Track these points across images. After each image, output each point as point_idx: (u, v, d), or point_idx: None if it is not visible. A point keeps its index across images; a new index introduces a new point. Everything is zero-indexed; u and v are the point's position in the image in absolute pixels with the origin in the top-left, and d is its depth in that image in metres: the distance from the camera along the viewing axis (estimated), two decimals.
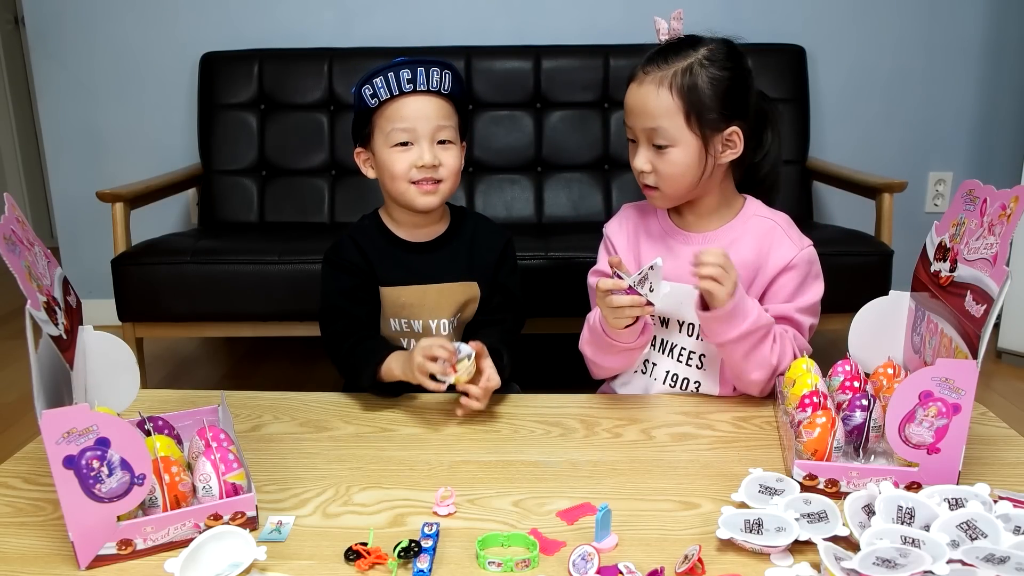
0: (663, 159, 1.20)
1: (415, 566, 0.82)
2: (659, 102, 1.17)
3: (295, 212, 2.62)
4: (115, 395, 1.10)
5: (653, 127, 1.18)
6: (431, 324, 1.31)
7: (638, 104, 1.20)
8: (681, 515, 0.92)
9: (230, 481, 0.89)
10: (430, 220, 1.33)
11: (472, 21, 2.76)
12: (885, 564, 0.74)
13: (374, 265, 1.31)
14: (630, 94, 1.21)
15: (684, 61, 1.18)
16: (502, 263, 1.36)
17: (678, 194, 1.24)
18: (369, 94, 1.23)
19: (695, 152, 1.19)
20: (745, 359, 1.17)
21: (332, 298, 1.32)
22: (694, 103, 1.17)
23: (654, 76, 1.18)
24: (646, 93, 1.18)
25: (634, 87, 1.21)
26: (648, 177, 1.22)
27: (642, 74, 1.20)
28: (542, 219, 2.64)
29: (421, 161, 1.23)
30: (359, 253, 1.31)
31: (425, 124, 1.23)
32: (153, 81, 2.80)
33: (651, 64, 1.19)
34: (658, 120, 1.18)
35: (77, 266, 2.82)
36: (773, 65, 2.64)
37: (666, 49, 1.20)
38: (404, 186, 1.25)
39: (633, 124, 1.21)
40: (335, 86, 2.64)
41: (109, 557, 0.84)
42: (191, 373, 2.60)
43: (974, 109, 2.84)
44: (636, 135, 1.22)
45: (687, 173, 1.20)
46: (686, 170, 1.20)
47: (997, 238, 0.95)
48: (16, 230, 0.91)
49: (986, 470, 1.00)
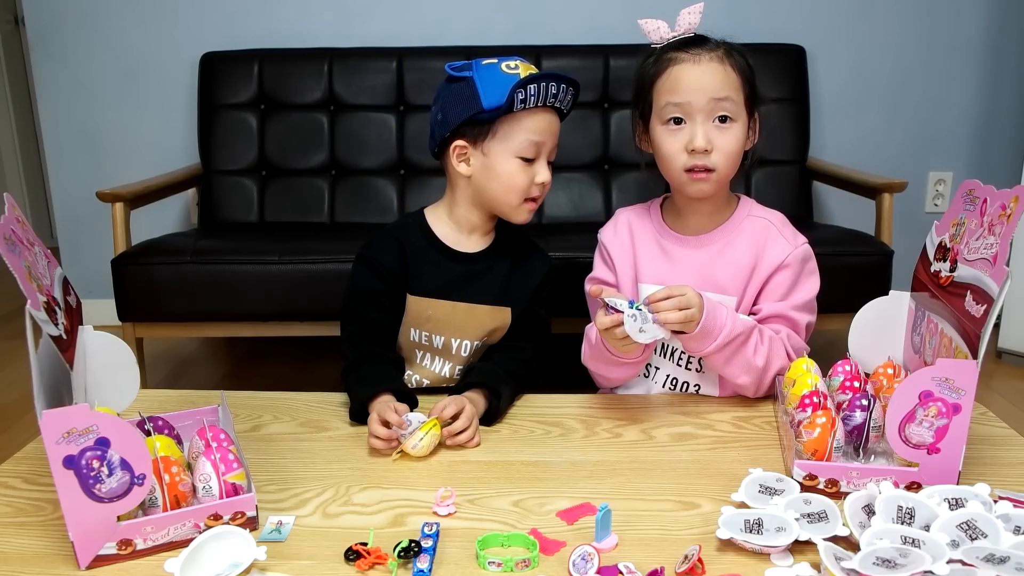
0: (725, 135, 1.18)
1: (415, 566, 0.82)
2: (727, 76, 1.17)
3: (295, 212, 2.62)
4: (115, 395, 1.10)
5: (722, 97, 1.17)
6: (452, 343, 1.28)
7: (701, 79, 1.17)
8: (681, 515, 0.92)
9: (230, 481, 0.89)
10: (482, 231, 1.30)
11: (472, 21, 2.76)
12: (885, 564, 0.74)
13: (408, 271, 1.27)
14: (683, 72, 1.18)
15: (720, 48, 1.19)
16: (539, 292, 1.32)
17: (728, 178, 1.22)
18: (520, 98, 1.18)
19: (745, 132, 1.20)
20: (727, 365, 1.17)
21: (355, 298, 1.27)
22: (750, 82, 1.20)
23: (709, 55, 1.18)
24: (710, 69, 1.17)
25: (687, 67, 1.18)
26: (708, 157, 1.18)
27: (691, 56, 1.18)
28: (542, 219, 2.63)
29: (540, 178, 1.23)
30: (395, 257, 1.26)
31: (551, 140, 1.24)
32: (153, 81, 2.80)
33: (694, 47, 1.19)
34: (728, 91, 1.17)
35: (77, 266, 2.82)
36: (773, 65, 2.63)
37: (693, 41, 1.20)
38: (517, 201, 1.24)
39: (691, 99, 1.17)
40: (335, 86, 2.64)
41: (109, 557, 0.84)
42: (191, 373, 2.60)
43: (974, 109, 2.84)
44: (690, 112, 1.18)
45: (740, 153, 1.21)
46: (740, 149, 1.20)
47: (997, 238, 0.95)
48: (16, 230, 0.91)
49: (986, 470, 1.00)
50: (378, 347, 1.24)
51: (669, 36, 1.21)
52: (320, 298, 2.10)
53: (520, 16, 2.76)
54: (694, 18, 1.21)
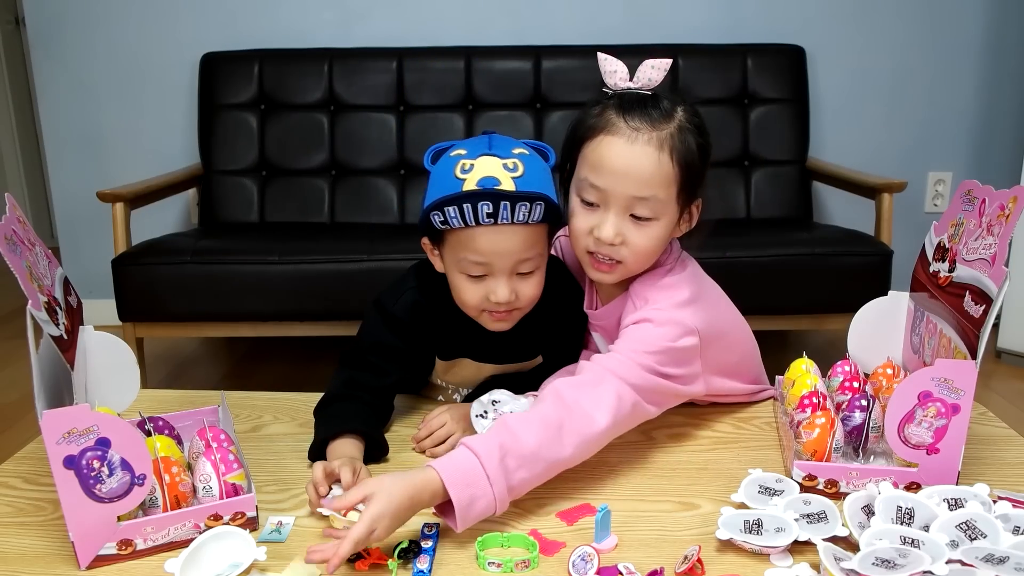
0: (640, 232, 1.03)
1: (415, 566, 0.82)
2: (659, 169, 1.00)
3: (295, 212, 2.63)
4: (115, 395, 1.10)
5: (644, 196, 1.01)
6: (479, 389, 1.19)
7: (629, 167, 1.00)
8: (681, 516, 0.92)
9: (230, 481, 0.89)
10: None
11: (472, 21, 2.76)
12: (884, 564, 0.74)
13: (430, 336, 1.15)
14: (612, 150, 1.01)
15: (672, 122, 1.02)
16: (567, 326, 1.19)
17: (639, 270, 1.08)
18: (439, 220, 1.01)
19: (670, 227, 1.05)
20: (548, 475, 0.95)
21: (363, 348, 1.13)
22: (689, 173, 1.02)
23: (649, 136, 1.00)
24: (642, 155, 1.00)
25: (620, 143, 1.00)
26: (616, 250, 1.04)
27: (629, 128, 1.00)
28: None
29: (495, 297, 1.03)
30: (418, 319, 1.13)
31: (503, 260, 1.02)
32: (153, 81, 2.80)
33: (636, 118, 1.01)
34: (654, 189, 1.01)
35: (77, 266, 2.82)
36: (773, 65, 2.64)
37: (642, 101, 1.02)
38: (474, 313, 1.08)
39: (610, 186, 1.01)
40: (335, 86, 2.64)
41: (109, 557, 0.84)
42: (191, 373, 2.60)
43: (974, 109, 2.84)
44: (606, 200, 1.02)
45: (657, 250, 1.06)
46: (658, 247, 1.05)
47: (996, 238, 0.95)
48: (17, 230, 0.91)
49: (985, 470, 1.01)
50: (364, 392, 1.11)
51: (624, 86, 1.04)
52: (320, 298, 2.11)
53: (520, 16, 2.76)
54: (656, 74, 1.03)
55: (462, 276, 1.05)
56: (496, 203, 0.98)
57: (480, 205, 0.98)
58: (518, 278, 1.05)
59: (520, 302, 1.06)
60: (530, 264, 1.04)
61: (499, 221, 0.99)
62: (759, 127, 2.64)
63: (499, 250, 1.01)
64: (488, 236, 1.00)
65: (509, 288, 1.04)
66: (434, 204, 1.00)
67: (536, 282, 1.06)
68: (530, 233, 1.02)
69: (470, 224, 1.00)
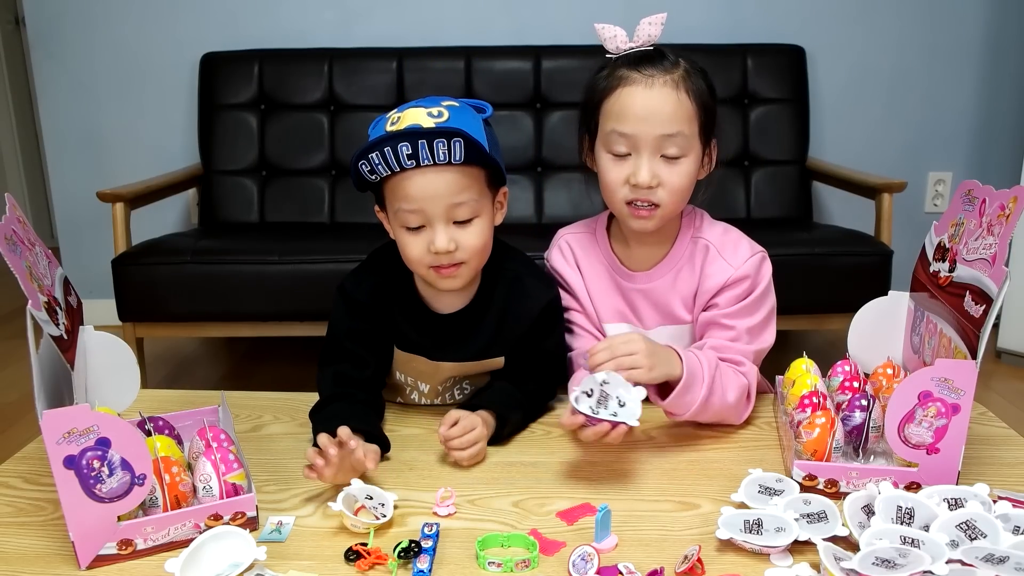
0: (674, 170, 1.08)
1: (415, 566, 0.82)
2: (680, 106, 1.06)
3: (295, 212, 2.63)
4: (115, 395, 1.10)
5: (672, 133, 1.06)
6: (439, 388, 1.21)
7: (651, 109, 1.06)
8: (681, 515, 0.92)
9: (230, 481, 0.89)
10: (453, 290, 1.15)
11: (472, 21, 2.76)
12: (884, 564, 0.74)
13: (390, 322, 1.16)
14: (633, 97, 1.07)
15: (679, 67, 1.08)
16: (537, 329, 1.16)
17: (673, 214, 1.14)
18: (367, 170, 1.04)
19: (697, 165, 1.11)
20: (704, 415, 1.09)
21: (339, 338, 1.16)
22: (706, 109, 1.09)
23: (663, 78, 1.07)
24: (662, 96, 1.06)
25: (638, 90, 1.07)
26: (653, 192, 1.08)
27: (643, 76, 1.07)
28: (542, 219, 2.64)
29: (434, 247, 1.05)
30: (376, 301, 1.15)
31: (435, 204, 1.03)
32: (153, 81, 2.80)
33: (649, 66, 1.08)
34: (678, 124, 1.06)
35: (77, 266, 2.82)
36: (773, 65, 2.64)
37: (648, 55, 1.09)
38: (423, 270, 1.09)
39: (638, 131, 1.07)
40: (335, 86, 2.64)
41: (109, 557, 0.84)
42: (191, 373, 2.60)
43: (974, 109, 2.84)
44: (636, 145, 1.08)
45: (690, 188, 1.11)
46: (690, 184, 1.11)
47: (996, 238, 0.95)
48: (17, 230, 0.91)
49: (985, 470, 1.01)
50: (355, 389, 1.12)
51: (626, 47, 1.11)
52: (320, 298, 2.09)
53: (520, 16, 2.76)
54: (655, 29, 1.10)
55: (403, 231, 1.07)
56: (414, 143, 1.00)
57: (400, 147, 1.00)
58: (457, 227, 1.06)
59: (463, 253, 1.06)
60: (466, 210, 1.05)
61: (421, 162, 1.01)
62: (759, 127, 2.64)
63: (427, 194, 1.03)
64: (415, 180, 1.03)
65: (447, 236, 1.05)
66: (358, 154, 1.03)
67: (477, 232, 1.07)
68: (458, 176, 1.03)
69: (394, 169, 1.02)
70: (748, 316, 1.15)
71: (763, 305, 1.16)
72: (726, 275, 1.14)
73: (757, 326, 1.16)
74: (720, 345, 1.13)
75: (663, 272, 1.18)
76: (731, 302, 1.14)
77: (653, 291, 1.19)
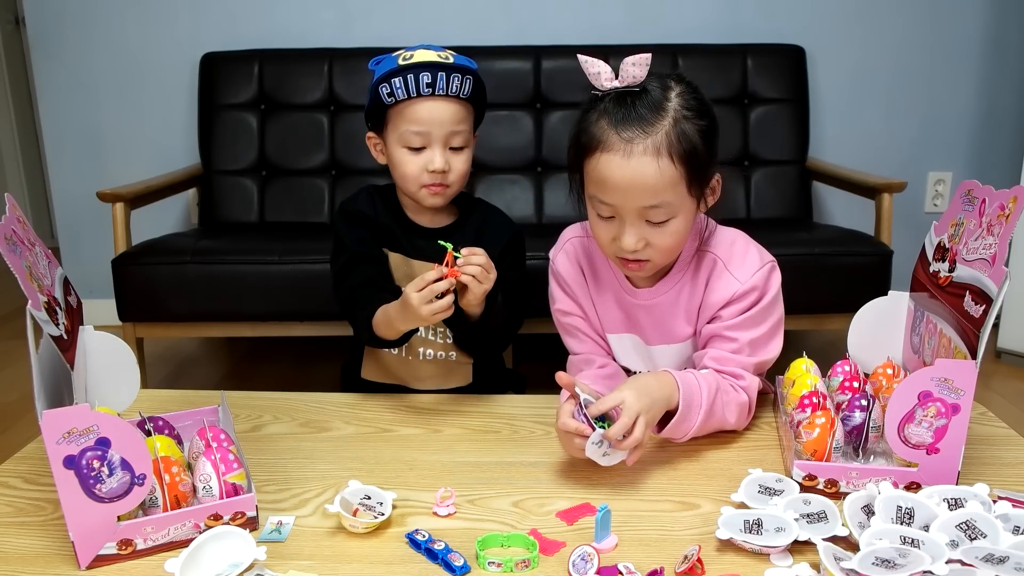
0: (661, 233, 1.05)
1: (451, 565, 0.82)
2: (661, 176, 1.00)
3: (295, 212, 2.63)
4: (115, 395, 1.10)
5: (654, 204, 1.02)
6: None
7: (631, 182, 1.01)
8: (681, 515, 0.93)
9: (230, 481, 0.89)
10: (431, 212, 1.31)
11: (472, 21, 2.76)
12: (884, 564, 0.74)
13: (385, 227, 1.30)
14: (610, 168, 1.01)
15: (666, 116, 1.01)
16: (507, 255, 1.30)
17: (669, 262, 1.13)
18: (386, 92, 1.21)
19: (692, 215, 1.07)
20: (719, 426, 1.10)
21: (352, 246, 1.28)
22: (695, 165, 1.02)
23: (643, 144, 1.00)
24: (640, 167, 1.00)
25: (616, 160, 1.01)
26: (643, 253, 1.06)
27: (622, 141, 1.00)
28: (542, 219, 2.64)
29: (432, 166, 1.21)
30: (374, 209, 1.31)
31: (439, 129, 1.21)
32: (153, 81, 2.80)
33: (628, 127, 1.01)
34: (660, 196, 1.02)
35: (77, 266, 2.82)
36: (773, 65, 2.64)
37: (631, 101, 1.02)
38: (415, 187, 1.25)
39: (620, 202, 1.03)
40: (335, 86, 2.64)
41: (109, 557, 0.84)
42: (191, 373, 2.60)
43: (974, 109, 2.84)
44: (619, 213, 1.04)
45: (683, 240, 1.09)
46: (683, 237, 1.08)
47: (996, 238, 0.95)
48: (17, 230, 0.91)
49: (985, 470, 1.01)
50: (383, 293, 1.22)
51: (611, 85, 1.04)
52: (320, 298, 2.11)
53: (520, 16, 2.76)
54: (639, 71, 1.02)
55: (404, 150, 1.23)
56: (435, 74, 1.19)
57: (421, 75, 1.19)
58: (451, 152, 1.23)
59: (452, 175, 1.24)
60: (460, 138, 1.23)
61: (436, 92, 1.19)
62: (759, 127, 2.64)
63: (436, 119, 1.21)
64: (427, 105, 1.20)
65: (443, 158, 1.22)
66: (381, 77, 1.21)
67: (465, 159, 1.25)
68: (461, 108, 1.23)
69: (412, 94, 1.20)
70: (752, 328, 1.12)
71: (769, 317, 1.13)
72: (732, 290, 1.12)
73: (761, 338, 1.13)
74: (721, 357, 1.12)
75: (667, 287, 1.16)
76: (735, 314, 1.12)
77: (657, 308, 1.17)
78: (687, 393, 1.05)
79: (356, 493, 0.92)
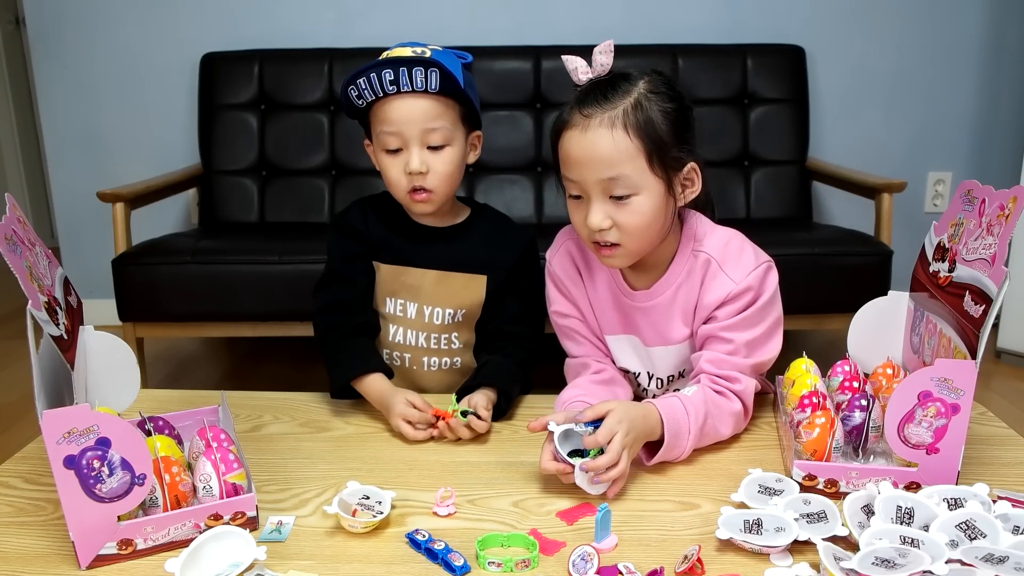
0: (625, 210, 1.04)
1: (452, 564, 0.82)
2: (616, 146, 1.02)
3: (295, 212, 2.63)
4: (115, 395, 1.10)
5: (612, 176, 1.02)
6: (425, 311, 1.27)
7: (586, 153, 1.03)
8: (681, 515, 0.93)
9: (230, 481, 0.89)
10: (440, 214, 1.28)
11: (472, 21, 2.76)
12: (884, 564, 0.74)
13: (378, 239, 1.28)
14: (571, 143, 1.04)
15: (628, 96, 1.03)
16: (522, 265, 1.29)
17: (642, 249, 1.10)
18: (355, 95, 1.18)
19: (660, 197, 1.05)
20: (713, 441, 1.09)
21: (333, 263, 1.29)
22: (655, 141, 1.03)
23: (600, 117, 1.02)
24: (596, 138, 1.02)
25: (575, 134, 1.04)
26: (608, 234, 1.06)
27: (582, 117, 1.04)
28: (542, 219, 2.64)
29: (408, 167, 1.18)
30: (365, 222, 1.28)
31: (412, 127, 1.17)
32: (153, 81, 2.80)
33: (590, 104, 1.04)
34: (617, 167, 1.02)
35: (78, 266, 2.82)
36: (773, 65, 2.64)
37: (599, 86, 1.05)
38: (401, 194, 1.22)
39: (581, 177, 1.04)
40: (335, 86, 2.64)
41: (109, 557, 0.84)
42: (191, 373, 2.60)
43: (974, 109, 2.84)
44: (584, 190, 1.05)
45: (653, 223, 1.06)
46: (652, 219, 1.06)
47: (995, 238, 0.95)
48: (17, 230, 0.91)
49: (985, 470, 1.01)
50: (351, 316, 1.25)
51: (586, 77, 1.08)
52: None
53: (520, 16, 2.76)
54: (605, 58, 1.06)
55: (384, 155, 1.21)
56: (396, 70, 1.15)
57: (384, 72, 1.15)
58: (430, 152, 1.19)
59: (433, 177, 1.20)
60: (438, 136, 1.19)
61: (401, 88, 1.16)
62: (759, 127, 2.64)
63: (405, 118, 1.17)
64: (395, 104, 1.17)
65: (420, 158, 1.18)
66: (346, 81, 1.18)
67: (447, 158, 1.20)
68: (434, 104, 1.18)
69: (377, 93, 1.16)
70: (748, 329, 1.11)
71: (766, 318, 1.12)
72: (727, 290, 1.10)
73: (758, 339, 1.12)
74: (717, 359, 1.11)
75: (663, 289, 1.15)
76: (731, 315, 1.11)
77: (654, 310, 1.16)
78: (673, 424, 1.03)
79: (354, 494, 0.92)
